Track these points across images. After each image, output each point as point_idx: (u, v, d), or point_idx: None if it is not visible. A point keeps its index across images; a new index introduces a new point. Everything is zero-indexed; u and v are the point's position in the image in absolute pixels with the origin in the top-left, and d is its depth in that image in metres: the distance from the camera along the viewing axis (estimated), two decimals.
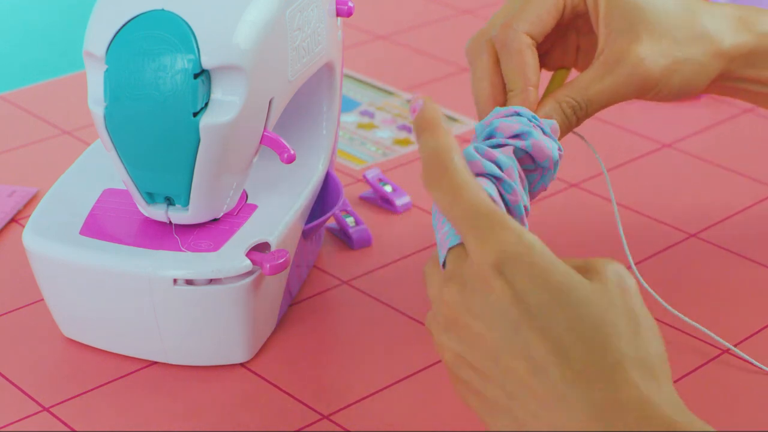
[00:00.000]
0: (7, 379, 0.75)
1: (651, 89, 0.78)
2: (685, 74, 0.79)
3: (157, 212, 0.74)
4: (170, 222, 0.75)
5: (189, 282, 0.72)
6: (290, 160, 0.73)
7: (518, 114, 0.72)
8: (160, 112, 0.70)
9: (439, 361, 0.76)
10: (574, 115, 0.77)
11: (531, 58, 0.77)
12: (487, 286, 0.59)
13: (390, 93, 1.10)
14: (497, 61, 0.78)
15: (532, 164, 0.70)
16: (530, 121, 0.71)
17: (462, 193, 0.61)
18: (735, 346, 0.78)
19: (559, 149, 0.71)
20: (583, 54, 0.83)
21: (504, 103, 0.78)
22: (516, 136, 0.70)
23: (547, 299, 0.58)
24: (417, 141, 0.63)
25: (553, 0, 0.78)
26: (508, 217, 0.60)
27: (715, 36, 0.79)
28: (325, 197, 0.85)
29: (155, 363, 0.76)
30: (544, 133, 0.71)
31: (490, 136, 0.70)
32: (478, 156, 0.67)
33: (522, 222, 0.68)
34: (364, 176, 0.94)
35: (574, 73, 1.01)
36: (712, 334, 0.77)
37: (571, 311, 0.57)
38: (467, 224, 0.60)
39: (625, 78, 0.77)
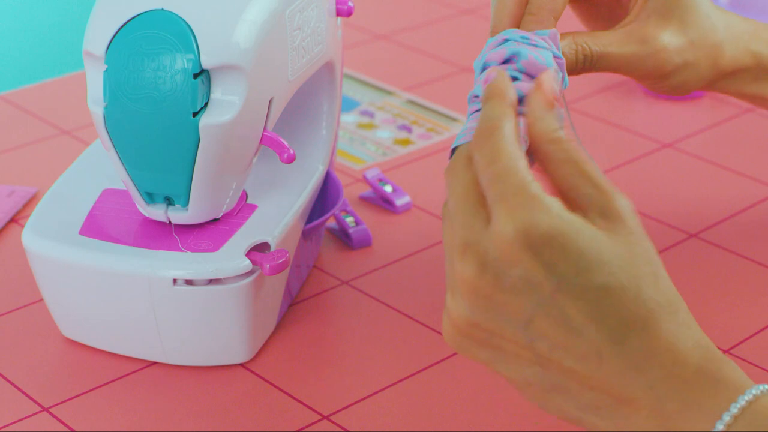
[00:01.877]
0: (6, 379, 0.75)
1: (657, 78, 0.81)
2: (685, 77, 0.82)
3: (157, 212, 0.74)
4: (170, 222, 0.75)
5: (189, 282, 0.72)
6: (290, 160, 0.73)
7: (506, 40, 0.71)
8: (159, 112, 0.70)
9: (440, 362, 0.76)
10: (584, 62, 0.79)
11: None
12: (512, 259, 0.59)
13: (390, 93, 1.10)
14: None
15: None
16: (518, 41, 0.70)
17: (501, 157, 0.60)
18: (735, 346, 0.78)
19: (556, 56, 0.71)
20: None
21: (518, 24, 0.77)
22: (506, 61, 0.69)
23: (578, 269, 0.59)
24: (482, 108, 0.63)
25: None
26: (539, 190, 0.60)
27: (720, 49, 0.82)
28: (325, 197, 0.85)
29: (155, 363, 0.76)
30: (538, 46, 0.71)
31: (483, 69, 0.70)
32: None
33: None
34: (364, 176, 0.94)
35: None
36: None
37: (602, 274, 0.59)
38: (497, 190, 0.60)
39: (642, 57, 0.80)
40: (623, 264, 0.60)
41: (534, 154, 0.63)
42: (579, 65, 0.79)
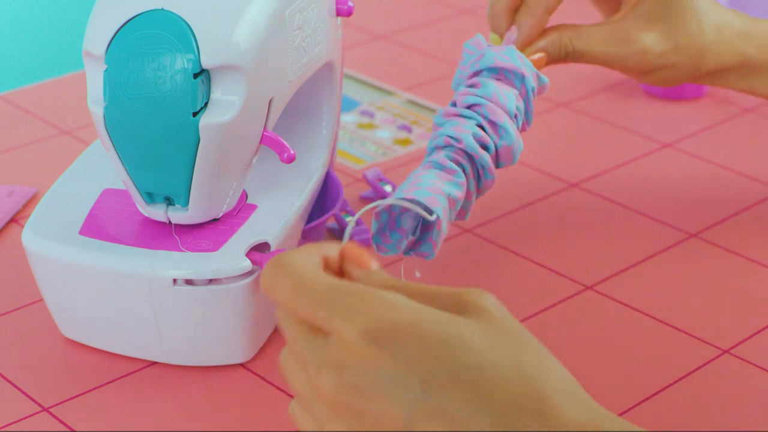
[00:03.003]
0: (6, 380, 0.75)
1: (636, 74, 0.85)
2: (665, 76, 0.85)
3: (157, 212, 0.74)
4: (170, 222, 0.75)
5: (189, 282, 0.72)
6: (290, 160, 0.73)
7: (478, 71, 0.80)
8: (159, 112, 0.70)
9: None
10: (566, 57, 0.83)
11: None
12: (367, 361, 0.54)
13: (390, 93, 1.10)
14: None
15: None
16: (487, 77, 0.79)
17: (305, 280, 0.56)
18: (735, 346, 0.78)
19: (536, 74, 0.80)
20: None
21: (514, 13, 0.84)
22: (471, 106, 0.78)
23: (440, 356, 0.54)
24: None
25: None
26: (369, 288, 0.56)
27: (705, 54, 0.84)
28: (325, 197, 0.85)
29: (155, 363, 0.76)
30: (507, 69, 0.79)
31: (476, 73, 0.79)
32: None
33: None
34: (364, 176, 0.94)
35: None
36: None
37: (471, 355, 0.54)
38: (323, 308, 0.55)
39: (623, 57, 0.83)
40: (493, 345, 0.54)
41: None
42: (561, 59, 0.83)
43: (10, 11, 2.41)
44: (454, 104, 0.79)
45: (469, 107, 0.78)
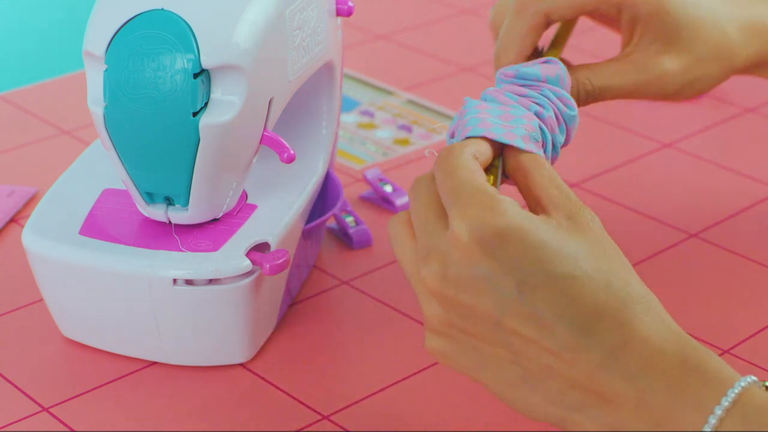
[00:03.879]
0: (6, 380, 0.75)
1: (666, 98, 0.82)
2: (697, 87, 0.82)
3: (157, 212, 0.74)
4: (170, 222, 0.75)
5: (189, 282, 0.72)
6: (290, 160, 0.73)
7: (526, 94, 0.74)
8: (159, 112, 0.70)
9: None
10: (586, 98, 0.80)
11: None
12: (471, 259, 0.60)
13: (390, 93, 1.10)
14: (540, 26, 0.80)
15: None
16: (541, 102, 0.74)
17: (458, 171, 0.63)
18: (735, 346, 0.78)
19: (566, 75, 0.75)
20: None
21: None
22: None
23: (539, 261, 0.59)
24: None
25: None
26: (494, 193, 0.61)
27: (733, 53, 0.82)
28: (325, 197, 0.85)
29: (155, 363, 0.76)
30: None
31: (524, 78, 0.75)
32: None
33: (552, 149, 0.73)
34: (364, 176, 0.94)
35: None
36: None
37: (567, 264, 0.59)
38: (453, 197, 0.62)
39: (647, 83, 0.80)
40: (588, 257, 0.60)
41: (511, 168, 0.66)
42: (581, 101, 0.80)
43: (11, 11, 2.41)
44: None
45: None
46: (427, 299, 0.62)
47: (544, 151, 0.72)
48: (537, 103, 0.73)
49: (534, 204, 0.65)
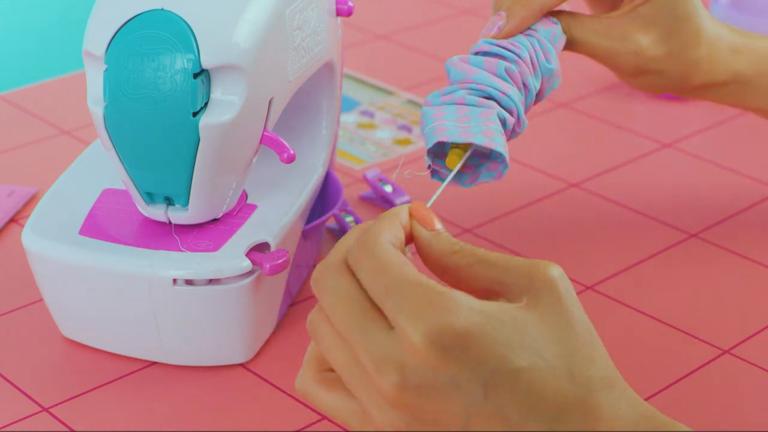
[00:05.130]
0: (6, 380, 0.75)
1: (626, 74, 0.83)
2: (654, 80, 0.83)
3: (157, 212, 0.74)
4: (170, 222, 0.75)
5: (189, 282, 0.72)
6: (290, 160, 0.73)
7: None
8: (159, 112, 0.70)
9: None
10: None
11: None
12: (434, 366, 0.56)
13: (390, 93, 1.10)
14: None
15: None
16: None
17: (389, 267, 0.58)
18: (735, 346, 0.78)
19: (562, 37, 0.78)
20: None
21: None
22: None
23: (503, 359, 0.56)
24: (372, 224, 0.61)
25: None
26: (442, 288, 0.57)
27: (698, 67, 0.82)
28: (325, 197, 0.85)
29: (155, 363, 0.76)
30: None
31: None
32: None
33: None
34: (364, 176, 0.94)
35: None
36: None
37: (528, 355, 0.57)
38: (395, 300, 0.57)
39: (618, 53, 0.81)
40: (549, 343, 0.57)
41: (441, 273, 0.61)
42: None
43: (11, 11, 2.41)
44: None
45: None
46: (382, 409, 0.57)
47: (516, 122, 0.74)
48: (505, 59, 0.75)
49: (485, 292, 0.60)
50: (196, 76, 0.69)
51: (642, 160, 0.99)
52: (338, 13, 0.81)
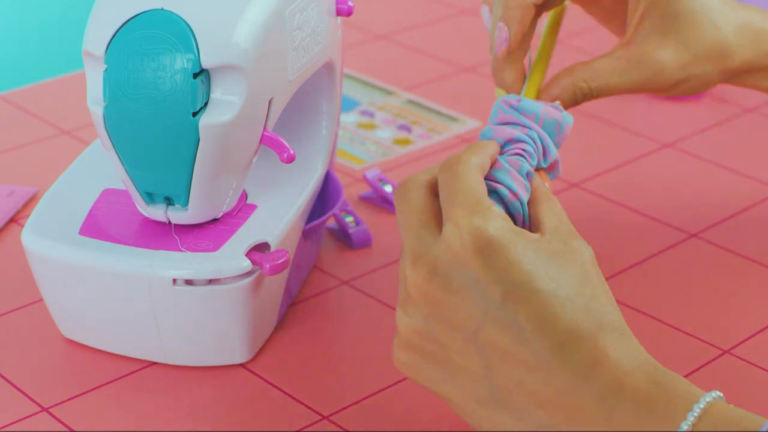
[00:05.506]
0: (6, 380, 0.75)
1: (661, 92, 0.81)
2: (692, 85, 0.81)
3: (157, 212, 0.74)
4: (170, 222, 0.75)
5: (188, 282, 0.72)
6: (290, 160, 0.73)
7: (516, 115, 0.72)
8: (159, 112, 0.70)
9: None
10: (583, 98, 0.80)
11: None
12: (462, 261, 0.61)
13: (390, 93, 1.10)
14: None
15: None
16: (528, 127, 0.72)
17: (462, 178, 0.64)
18: (735, 346, 0.78)
19: (567, 123, 0.73)
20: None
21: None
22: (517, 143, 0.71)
23: (527, 276, 0.61)
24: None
25: None
26: (492, 204, 0.63)
27: (729, 54, 0.81)
28: (325, 197, 0.85)
29: (155, 363, 0.76)
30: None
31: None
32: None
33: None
34: (364, 176, 0.94)
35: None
36: None
37: (551, 283, 0.61)
38: (452, 201, 0.63)
39: (643, 79, 0.80)
40: (573, 282, 0.61)
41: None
42: (578, 101, 0.79)
43: (11, 11, 2.41)
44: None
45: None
46: (406, 307, 0.63)
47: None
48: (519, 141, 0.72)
49: (535, 223, 0.66)
50: (195, 76, 0.69)
51: (642, 160, 0.99)
52: (338, 13, 0.81)
